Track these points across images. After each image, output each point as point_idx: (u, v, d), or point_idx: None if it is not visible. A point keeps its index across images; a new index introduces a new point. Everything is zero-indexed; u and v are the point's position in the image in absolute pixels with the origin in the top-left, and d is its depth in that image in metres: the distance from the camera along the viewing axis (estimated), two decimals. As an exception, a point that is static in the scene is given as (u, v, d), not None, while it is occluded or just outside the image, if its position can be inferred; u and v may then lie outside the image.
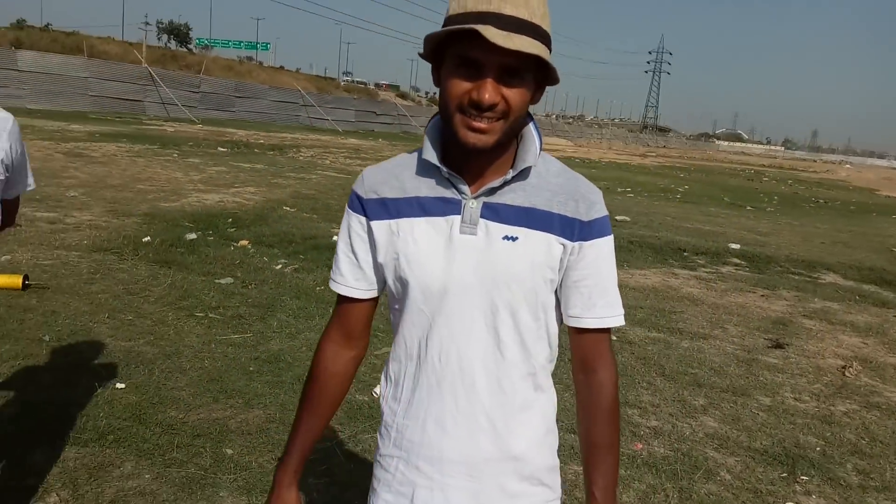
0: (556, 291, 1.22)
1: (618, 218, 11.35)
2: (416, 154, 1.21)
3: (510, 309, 1.17)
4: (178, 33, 66.74)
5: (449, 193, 1.17)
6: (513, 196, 1.16)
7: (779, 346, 5.19)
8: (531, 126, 1.19)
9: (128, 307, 4.70)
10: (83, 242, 6.28)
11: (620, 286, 4.74)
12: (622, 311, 1.25)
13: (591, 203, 1.19)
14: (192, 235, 6.94)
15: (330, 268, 1.30)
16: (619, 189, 17.68)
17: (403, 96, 64.39)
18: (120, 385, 3.52)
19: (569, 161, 29.08)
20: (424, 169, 1.19)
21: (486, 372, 1.19)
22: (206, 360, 3.95)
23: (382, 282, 1.26)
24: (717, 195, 18.77)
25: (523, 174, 1.17)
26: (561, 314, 1.24)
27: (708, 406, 4.00)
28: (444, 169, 1.15)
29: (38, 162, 11.35)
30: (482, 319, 1.17)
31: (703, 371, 4.55)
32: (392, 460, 1.26)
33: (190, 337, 4.29)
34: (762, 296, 6.89)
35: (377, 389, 3.80)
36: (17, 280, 4.76)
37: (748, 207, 16.00)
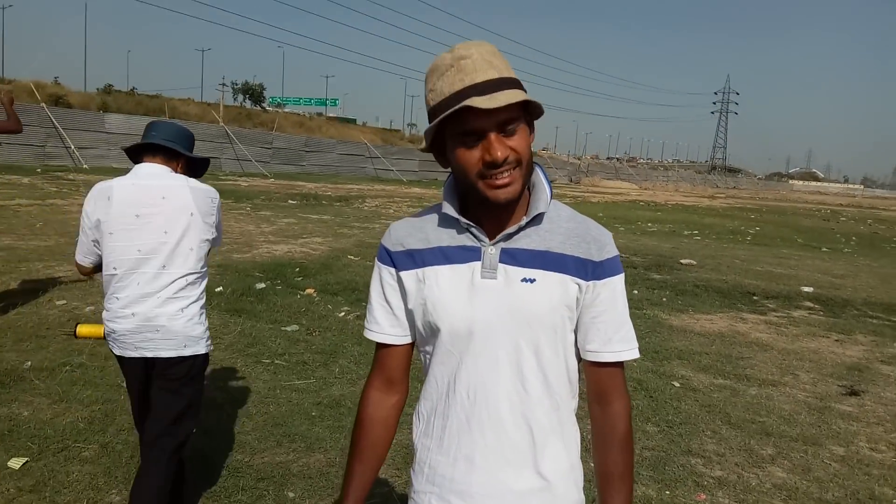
0: (574, 329, 1.29)
1: (683, 261, 11.14)
2: (438, 207, 1.32)
3: (532, 346, 1.24)
4: (253, 93, 70.05)
5: (469, 242, 1.26)
6: (528, 241, 1.24)
7: (854, 393, 4.97)
8: (540, 175, 1.29)
9: (200, 354, 4.92)
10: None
11: (685, 331, 4.74)
12: (637, 345, 1.32)
13: (601, 244, 1.26)
14: (262, 285, 7.22)
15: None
16: (685, 232, 17.35)
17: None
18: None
19: (633, 205, 28.91)
20: (446, 221, 1.29)
21: (512, 407, 1.25)
22: (271, 406, 4.09)
23: (414, 327, 1.34)
24: (790, 236, 18.17)
25: (537, 220, 1.25)
26: (578, 350, 1.31)
27: (776, 456, 3.86)
28: (463, 220, 1.25)
29: (122, 217, 12.08)
30: (506, 357, 1.24)
31: (772, 419, 4.40)
32: (425, 496, 1.32)
33: (257, 383, 4.45)
34: (836, 341, 6.61)
35: None
36: (99, 330, 5.06)
37: (823, 249, 15.42)
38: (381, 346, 1.36)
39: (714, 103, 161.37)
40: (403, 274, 1.29)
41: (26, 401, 3.90)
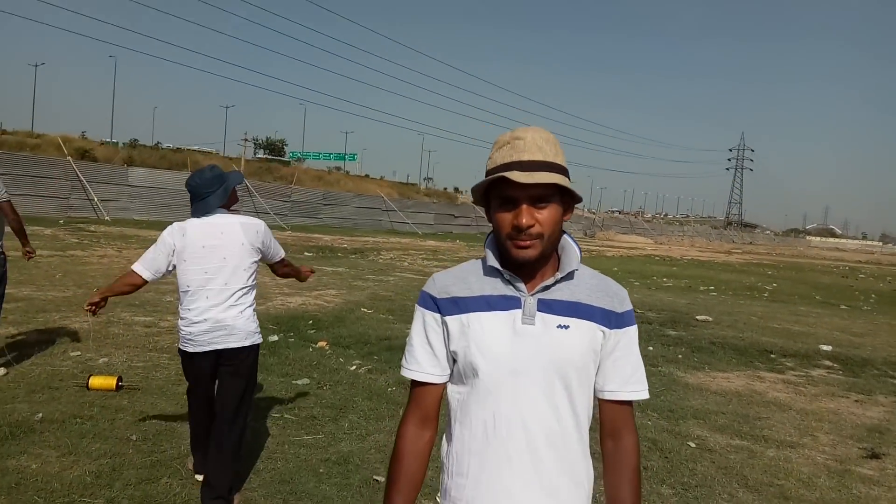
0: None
1: (699, 317, 11.03)
2: (478, 262, 1.52)
3: (564, 385, 1.42)
4: (274, 148, 71.42)
5: (510, 292, 1.44)
6: (561, 293, 1.44)
7: (875, 456, 4.83)
8: (569, 239, 1.49)
9: (210, 408, 4.91)
10: (174, 345, 6.66)
11: (701, 389, 4.76)
12: (647, 386, 1.52)
13: (621, 298, 1.49)
14: (275, 337, 7.24)
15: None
16: (701, 288, 17.21)
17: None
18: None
19: (648, 259, 28.89)
20: (489, 272, 1.47)
21: (548, 441, 1.41)
22: (278, 461, 4.06)
23: (450, 368, 1.50)
24: (808, 293, 17.95)
25: (569, 276, 1.45)
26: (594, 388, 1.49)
27: (795, 521, 3.74)
28: (506, 272, 1.43)
29: (140, 269, 12.22)
30: (542, 396, 1.41)
31: (791, 483, 4.28)
32: None
33: (265, 438, 4.42)
34: (856, 401, 6.46)
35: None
36: (111, 382, 5.09)
37: (842, 306, 15.19)
38: (418, 385, 1.50)
39: (729, 160, 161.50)
40: (448, 318, 1.45)
41: (35, 453, 3.90)
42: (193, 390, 3.58)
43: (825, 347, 9.00)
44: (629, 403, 1.49)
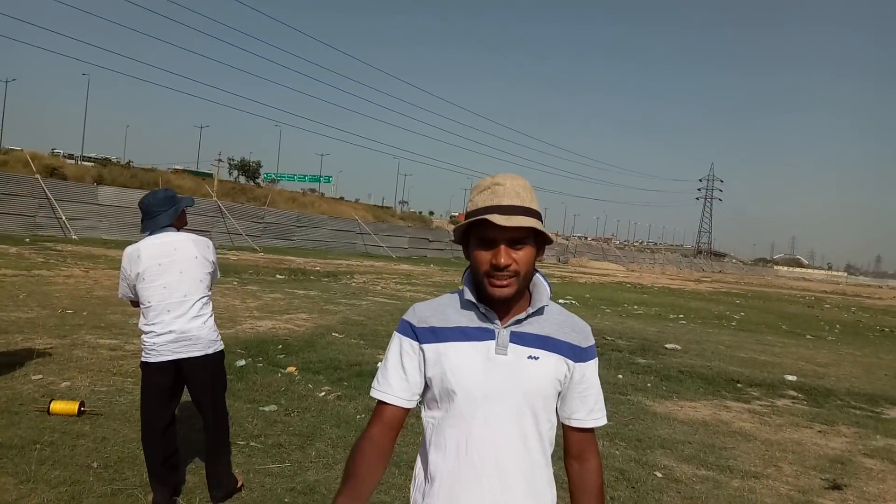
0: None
1: (668, 346, 11.14)
2: (455, 295, 1.61)
3: (531, 411, 1.52)
4: (249, 169, 70.69)
5: (485, 324, 1.54)
6: (532, 327, 1.55)
7: (836, 487, 4.91)
8: (540, 277, 1.60)
9: (174, 434, 4.82)
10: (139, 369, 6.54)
11: (669, 418, 4.86)
12: (605, 412, 1.66)
13: (586, 334, 1.61)
14: (242, 362, 7.15)
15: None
16: (671, 315, 17.40)
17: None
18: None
19: (619, 286, 29.17)
20: (465, 305, 1.57)
21: (517, 464, 1.50)
22: (243, 491, 3.99)
23: (421, 394, 1.58)
24: (775, 323, 18.25)
25: (539, 311, 1.56)
26: (558, 415, 1.61)
27: (758, 552, 3.77)
28: (482, 306, 1.53)
29: (107, 291, 12.03)
30: (512, 421, 1.51)
31: (754, 513, 4.32)
32: None
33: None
34: (819, 432, 6.57)
35: None
36: (73, 407, 4.98)
37: (807, 336, 15.47)
38: (385, 405, 1.57)
39: (699, 189, 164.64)
40: (426, 346, 1.55)
41: (-9, 481, 3.79)
42: (148, 411, 3.65)
43: (790, 377, 9.15)
44: (592, 429, 1.63)
